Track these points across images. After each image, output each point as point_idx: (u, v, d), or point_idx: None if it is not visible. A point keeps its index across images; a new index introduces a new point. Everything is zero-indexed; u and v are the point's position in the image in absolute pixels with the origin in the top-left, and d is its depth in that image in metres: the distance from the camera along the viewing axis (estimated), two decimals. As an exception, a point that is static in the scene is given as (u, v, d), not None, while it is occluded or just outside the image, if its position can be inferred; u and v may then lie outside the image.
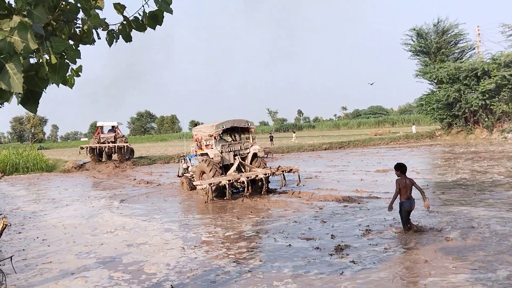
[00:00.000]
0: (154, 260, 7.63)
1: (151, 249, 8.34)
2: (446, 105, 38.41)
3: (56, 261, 8.03)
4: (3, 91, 2.82)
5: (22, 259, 8.19)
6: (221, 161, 14.69)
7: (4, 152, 32.14)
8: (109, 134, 33.85)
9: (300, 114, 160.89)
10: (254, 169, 14.93)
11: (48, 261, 8.02)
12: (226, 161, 15.04)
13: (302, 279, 6.24)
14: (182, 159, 17.52)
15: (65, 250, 8.79)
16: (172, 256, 7.77)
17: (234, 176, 13.63)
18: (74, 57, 3.38)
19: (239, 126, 15.86)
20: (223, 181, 13.18)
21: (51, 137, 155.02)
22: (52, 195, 17.51)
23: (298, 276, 6.36)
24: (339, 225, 9.36)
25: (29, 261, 8.08)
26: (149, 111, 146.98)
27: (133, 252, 8.22)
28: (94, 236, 9.81)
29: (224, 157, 14.94)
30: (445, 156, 23.57)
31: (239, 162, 15.04)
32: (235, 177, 13.57)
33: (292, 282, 6.12)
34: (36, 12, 2.83)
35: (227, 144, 15.44)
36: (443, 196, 11.85)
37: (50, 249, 8.90)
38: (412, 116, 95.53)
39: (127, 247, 8.62)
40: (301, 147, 35.50)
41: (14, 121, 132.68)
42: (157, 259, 7.69)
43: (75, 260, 7.98)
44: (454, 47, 40.58)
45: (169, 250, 8.22)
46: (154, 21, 3.68)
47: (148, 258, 7.75)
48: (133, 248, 8.49)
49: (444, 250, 7.11)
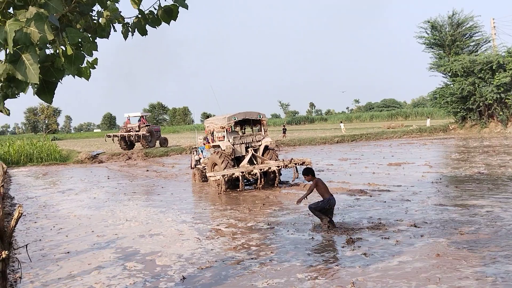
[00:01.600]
0: (170, 251, 7.66)
1: (166, 240, 8.40)
2: (460, 99, 37.98)
3: (71, 250, 8.13)
4: (20, 81, 2.86)
5: (39, 249, 8.31)
6: (232, 153, 14.64)
7: (19, 143, 32.50)
8: (135, 124, 36.25)
9: (312, 106, 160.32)
10: (266, 161, 14.81)
11: (63, 251, 8.12)
12: (237, 153, 15.01)
13: (318, 271, 6.26)
14: (194, 151, 17.58)
15: (80, 240, 8.90)
16: (188, 247, 7.79)
17: (247, 168, 13.75)
18: (91, 49, 3.41)
19: (251, 118, 15.73)
20: (236, 172, 13.28)
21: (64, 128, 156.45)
22: (66, 185, 17.70)
23: (313, 269, 6.38)
24: (351, 217, 9.35)
25: (45, 251, 8.20)
26: (161, 103, 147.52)
27: (148, 243, 8.29)
28: (108, 227, 9.91)
29: (235, 149, 14.90)
30: (458, 150, 23.36)
31: (252, 154, 14.98)
32: (248, 168, 13.68)
33: (308, 273, 6.14)
34: (52, 3, 2.84)
35: (238, 136, 15.48)
36: (457, 189, 11.77)
37: (65, 239, 9.02)
38: (425, 110, 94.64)
39: (142, 238, 8.70)
40: (312, 139, 35.40)
41: (28, 112, 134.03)
42: (173, 250, 7.72)
43: (90, 251, 8.08)
44: (469, 40, 40.03)
45: (185, 241, 8.26)
46: (169, 16, 3.68)
47: (164, 249, 7.79)
48: (148, 239, 8.57)
49: (456, 244, 7.07)
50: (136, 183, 17.49)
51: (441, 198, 10.86)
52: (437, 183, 13.03)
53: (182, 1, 3.55)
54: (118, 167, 24.33)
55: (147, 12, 3.66)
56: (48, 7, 2.80)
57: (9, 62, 2.77)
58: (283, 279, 5.99)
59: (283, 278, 6.03)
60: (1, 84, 3.01)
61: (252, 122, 16.27)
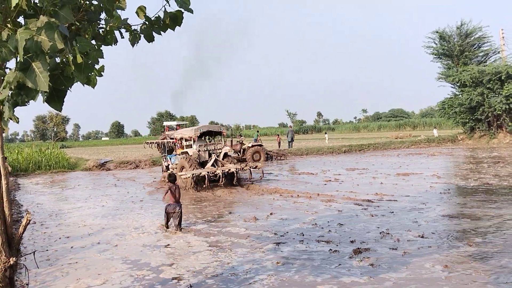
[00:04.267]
0: (184, 264, 7.46)
1: (176, 252, 8.32)
2: (469, 109, 37.84)
3: (79, 259, 8.14)
4: (30, 89, 2.89)
5: (46, 257, 8.32)
6: (198, 158, 17.92)
7: (27, 150, 32.70)
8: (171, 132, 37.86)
9: (320, 116, 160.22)
10: (227, 164, 17.66)
11: (71, 259, 8.13)
12: (202, 158, 18.22)
13: (327, 281, 6.23)
14: (164, 158, 20.79)
15: (88, 248, 8.90)
16: (204, 260, 7.56)
17: (212, 169, 16.75)
18: (97, 57, 3.45)
19: (214, 130, 19.49)
20: (203, 172, 16.23)
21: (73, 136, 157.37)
22: (74, 193, 17.76)
23: (320, 279, 6.34)
24: (358, 228, 9.30)
25: (52, 259, 8.21)
26: (169, 111, 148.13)
27: (158, 255, 8.21)
28: (117, 236, 9.90)
29: (200, 155, 18.24)
30: (467, 161, 23.21)
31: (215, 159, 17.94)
32: (212, 169, 16.70)
33: (315, 284, 6.11)
34: (62, 12, 2.88)
35: (203, 144, 18.71)
36: (465, 200, 11.69)
37: (73, 248, 9.00)
38: (433, 120, 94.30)
39: (152, 249, 8.63)
40: (320, 149, 35.32)
41: (37, 120, 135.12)
42: (187, 262, 7.50)
43: (99, 260, 8.07)
44: (478, 50, 39.98)
45: (197, 253, 8.15)
46: (174, 22, 3.74)
47: (176, 262, 7.65)
48: (157, 251, 8.43)
49: (465, 255, 7.01)
50: (143, 191, 17.51)
51: (450, 209, 10.78)
52: (445, 193, 12.95)
53: (187, 6, 3.60)
54: (126, 175, 24.40)
55: (154, 19, 3.70)
56: (58, 17, 2.84)
57: (19, 70, 2.81)
58: (290, 289, 5.97)
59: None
60: (12, 92, 3.04)
61: (215, 134, 19.98)
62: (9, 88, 2.91)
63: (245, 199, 13.86)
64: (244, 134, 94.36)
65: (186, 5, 3.59)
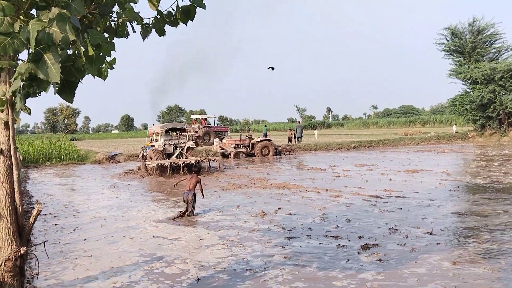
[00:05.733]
0: (199, 257, 7.37)
1: (189, 246, 8.31)
2: (480, 106, 37.56)
3: (90, 250, 8.19)
4: (41, 80, 2.91)
5: (57, 248, 8.39)
6: (163, 150, 21.39)
7: (38, 142, 32.94)
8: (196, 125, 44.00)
9: (329, 112, 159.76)
10: (188, 157, 21.38)
11: (81, 251, 8.18)
12: (167, 150, 21.73)
13: (335, 277, 6.24)
14: (143, 149, 23.35)
15: (99, 240, 8.95)
16: (219, 255, 7.48)
17: (174, 160, 20.35)
18: (109, 50, 3.46)
19: (178, 127, 23.59)
20: (166, 162, 19.77)
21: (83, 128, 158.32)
22: (84, 185, 17.88)
23: (328, 274, 6.35)
24: (366, 223, 9.29)
25: (63, 249, 8.25)
26: (178, 105, 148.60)
27: (170, 248, 8.19)
28: (128, 228, 9.95)
29: (166, 148, 21.74)
30: (477, 158, 23.07)
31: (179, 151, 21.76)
32: (175, 160, 20.28)
33: (323, 278, 6.12)
34: (74, 4, 2.90)
35: (169, 138, 22.24)
36: (474, 198, 11.63)
37: (84, 239, 9.05)
38: (444, 117, 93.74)
39: (164, 242, 8.62)
40: (329, 145, 35.24)
41: (48, 112, 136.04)
42: (202, 257, 7.41)
43: (110, 251, 8.12)
44: (490, 47, 39.64)
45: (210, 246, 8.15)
46: (187, 16, 3.72)
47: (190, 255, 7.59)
48: (169, 244, 8.37)
49: (474, 252, 6.99)
50: (151, 182, 17.59)
51: (459, 206, 10.73)
52: (454, 190, 12.88)
53: (200, 1, 3.59)
54: (135, 167, 24.50)
55: (166, 13, 3.70)
56: (70, 8, 2.85)
57: (31, 62, 2.83)
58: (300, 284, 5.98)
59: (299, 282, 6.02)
60: (23, 83, 3.07)
61: (180, 130, 23.75)
62: (21, 79, 2.93)
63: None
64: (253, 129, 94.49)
65: (200, 0, 3.58)
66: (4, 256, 3.64)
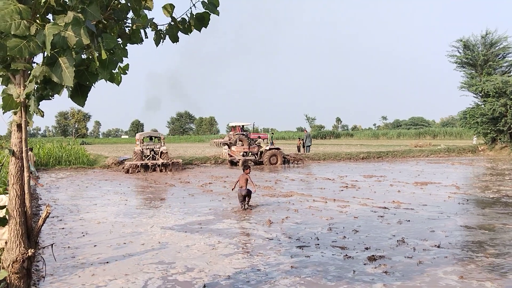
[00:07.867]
0: (217, 267, 7.23)
1: (203, 254, 8.31)
2: (491, 120, 37.28)
3: (98, 255, 8.21)
4: (55, 83, 2.95)
5: (64, 252, 8.42)
6: (141, 154, 26.33)
7: (48, 145, 33.19)
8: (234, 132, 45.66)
9: (339, 121, 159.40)
10: (161, 159, 26.20)
11: (89, 255, 8.20)
12: (145, 153, 26.61)
13: (333, 286, 6.20)
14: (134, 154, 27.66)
15: (106, 245, 8.96)
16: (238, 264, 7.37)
17: (147, 162, 25.47)
18: (122, 56, 3.50)
19: (154, 136, 28.97)
20: (140, 163, 25.27)
21: (93, 133, 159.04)
22: (94, 189, 17.95)
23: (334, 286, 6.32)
24: (373, 234, 9.24)
25: (71, 253, 8.27)
26: (188, 112, 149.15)
27: (185, 258, 8.21)
28: (137, 234, 9.97)
29: (144, 152, 26.65)
30: (487, 172, 22.88)
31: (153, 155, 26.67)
32: (147, 162, 25.44)
33: (323, 289, 6.09)
34: (90, 9, 2.94)
35: (146, 144, 27.38)
36: (484, 211, 11.53)
37: (92, 244, 9.06)
38: (454, 129, 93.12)
39: (179, 251, 8.57)
40: (338, 155, 35.14)
41: (59, 116, 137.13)
42: (220, 267, 7.28)
43: (116, 257, 8.14)
44: (502, 61, 39.39)
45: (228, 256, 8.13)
46: (200, 23, 3.75)
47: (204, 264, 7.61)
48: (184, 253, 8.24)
49: (481, 266, 6.92)
50: (159, 189, 17.64)
51: (467, 220, 10.64)
52: (463, 204, 12.79)
53: (213, 8, 3.62)
54: (143, 174, 24.59)
55: (179, 20, 3.73)
56: (86, 13, 2.89)
57: (46, 65, 2.87)
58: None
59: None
60: (37, 86, 3.11)
61: (156, 137, 28.73)
62: (35, 82, 2.97)
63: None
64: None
65: (214, 7, 3.61)
66: (12, 258, 3.66)
